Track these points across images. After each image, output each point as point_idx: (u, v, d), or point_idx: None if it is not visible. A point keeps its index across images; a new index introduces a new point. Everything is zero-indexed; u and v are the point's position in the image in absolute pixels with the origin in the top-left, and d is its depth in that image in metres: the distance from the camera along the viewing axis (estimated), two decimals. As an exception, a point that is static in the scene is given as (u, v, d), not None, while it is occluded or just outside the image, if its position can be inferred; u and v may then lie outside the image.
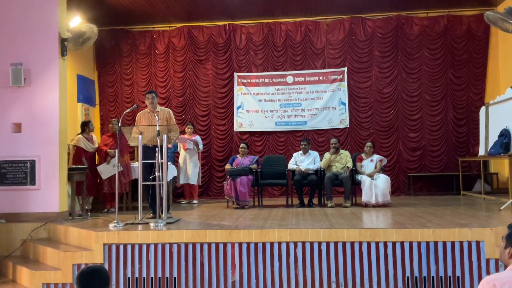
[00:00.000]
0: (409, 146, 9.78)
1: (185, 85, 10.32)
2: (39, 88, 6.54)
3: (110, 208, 7.56)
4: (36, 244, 5.92)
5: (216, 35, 10.26)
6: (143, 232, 5.11)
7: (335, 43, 10.00)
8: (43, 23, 6.60)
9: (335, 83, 9.86)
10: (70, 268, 5.09)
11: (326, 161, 7.73)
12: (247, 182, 7.58)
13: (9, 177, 6.46)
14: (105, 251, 5.05)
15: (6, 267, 5.98)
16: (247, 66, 10.20)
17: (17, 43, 6.62)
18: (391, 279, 4.83)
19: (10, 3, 6.66)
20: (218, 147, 10.19)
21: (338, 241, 4.89)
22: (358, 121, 9.87)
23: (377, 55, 9.92)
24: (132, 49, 10.44)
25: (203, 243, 5.03)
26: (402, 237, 4.84)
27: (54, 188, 6.42)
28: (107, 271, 2.51)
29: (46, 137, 6.46)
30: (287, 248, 4.95)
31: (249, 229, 5.06)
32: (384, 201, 7.22)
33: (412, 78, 9.84)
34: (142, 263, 5.03)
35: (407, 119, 9.81)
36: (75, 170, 6.76)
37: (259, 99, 10.08)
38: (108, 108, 10.44)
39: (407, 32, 9.90)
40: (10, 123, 6.56)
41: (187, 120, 10.02)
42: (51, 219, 6.30)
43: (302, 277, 4.91)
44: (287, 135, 10.05)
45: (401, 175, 9.73)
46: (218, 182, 10.09)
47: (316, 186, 7.69)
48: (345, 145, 9.61)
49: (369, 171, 7.52)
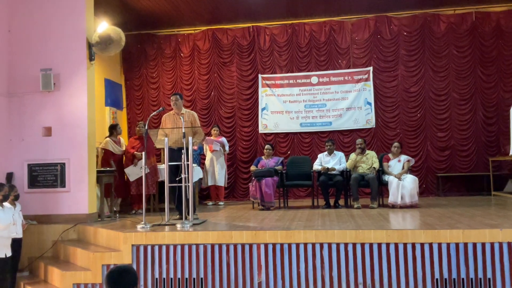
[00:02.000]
0: (437, 146, 9.59)
1: (210, 87, 10.40)
2: (68, 93, 6.71)
3: (137, 209, 7.68)
4: (66, 245, 6.07)
5: (240, 37, 10.30)
6: (170, 233, 5.17)
7: (360, 42, 9.90)
8: (72, 29, 6.77)
9: (360, 83, 9.76)
10: (100, 269, 5.19)
11: (352, 161, 7.66)
12: (272, 184, 7.58)
13: (40, 179, 6.64)
14: (133, 252, 5.13)
15: (38, 267, 6.15)
16: (271, 68, 10.20)
17: (47, 48, 6.81)
18: (419, 281, 4.75)
19: (39, 10, 6.86)
20: (243, 149, 10.22)
21: (365, 243, 4.83)
22: (384, 121, 9.73)
23: (403, 54, 9.77)
24: (158, 53, 10.59)
25: (229, 244, 5.06)
26: (430, 238, 4.75)
27: (83, 190, 6.56)
28: (135, 271, 2.56)
29: (76, 141, 6.62)
30: (313, 249, 4.93)
31: (275, 230, 5.06)
32: (412, 202, 7.10)
33: (440, 77, 9.65)
34: (169, 264, 5.09)
35: (435, 118, 9.61)
36: (103, 172, 6.90)
37: (283, 100, 10.06)
38: (135, 111, 10.61)
39: (434, 30, 9.71)
40: (41, 127, 6.74)
41: (212, 122, 10.09)
42: (80, 221, 6.45)
43: (328, 279, 4.87)
44: (312, 136, 9.99)
45: (429, 175, 9.55)
46: (243, 184, 10.11)
47: (342, 187, 7.62)
48: (371, 145, 9.49)
49: (396, 172, 7.40)
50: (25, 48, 6.85)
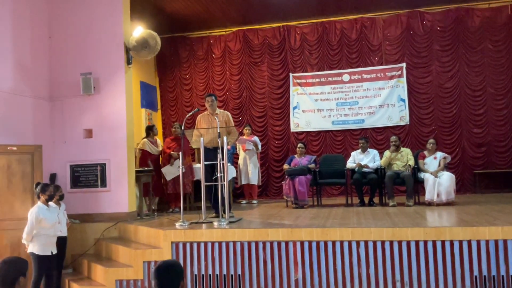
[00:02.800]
0: (474, 142, 9.40)
1: (242, 87, 10.51)
2: (107, 96, 6.95)
3: (174, 208, 7.87)
4: (108, 242, 6.30)
5: (271, 37, 10.37)
6: (207, 231, 5.30)
7: (392, 38, 9.81)
8: (109, 34, 7.01)
9: (393, 79, 9.67)
10: (141, 265, 5.37)
11: (386, 159, 7.61)
12: (306, 182, 7.61)
13: (82, 180, 6.90)
14: (173, 249, 5.29)
15: (81, 264, 6.40)
16: (302, 66, 10.23)
17: (86, 53, 7.07)
18: (458, 278, 4.72)
19: (78, 16, 7.12)
20: (275, 148, 10.29)
21: (402, 240, 4.82)
22: (418, 117, 9.61)
23: (437, 49, 9.61)
24: (190, 55, 10.78)
25: (265, 242, 5.14)
26: (469, 235, 4.71)
27: (123, 190, 6.79)
28: (181, 265, 2.67)
29: (115, 142, 6.85)
30: (349, 247, 4.96)
31: (310, 228, 5.11)
32: (448, 199, 7.00)
33: (475, 72, 9.45)
34: (207, 261, 5.22)
35: (471, 114, 9.43)
36: (142, 172, 7.11)
37: (315, 99, 10.08)
38: (169, 112, 10.85)
39: (468, 25, 9.52)
40: (82, 129, 7.01)
41: (244, 121, 10.20)
42: (121, 219, 6.67)
43: (365, 276, 4.89)
44: (344, 134, 9.97)
45: (466, 172, 9.37)
46: (276, 182, 10.19)
47: (376, 185, 7.59)
48: (405, 142, 9.38)
49: (432, 169, 7.31)
50: (65, 53, 7.13)
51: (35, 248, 5.22)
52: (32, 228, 5.17)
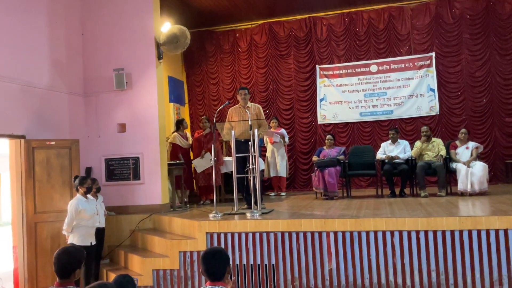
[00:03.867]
0: (506, 132, 9.21)
1: (268, 80, 10.54)
2: (139, 91, 7.10)
3: (205, 200, 8.00)
4: (143, 233, 6.46)
5: (297, 29, 10.35)
6: (241, 222, 5.39)
7: (420, 28, 9.66)
8: (141, 30, 7.14)
9: (422, 69, 9.55)
10: (177, 255, 5.50)
11: (417, 149, 7.54)
12: (335, 173, 7.62)
13: (116, 173, 7.08)
14: (208, 239, 5.40)
15: (118, 255, 6.58)
16: (329, 58, 10.19)
17: (118, 49, 7.22)
18: (494, 267, 4.69)
19: (109, 14, 7.29)
20: (302, 140, 10.30)
21: (437, 230, 4.81)
22: (449, 107, 9.47)
23: (467, 38, 9.44)
24: (217, 49, 10.86)
25: (298, 232, 5.19)
26: (505, 224, 4.67)
27: (156, 182, 6.94)
28: (226, 252, 2.75)
29: (148, 136, 7.00)
30: (383, 237, 4.97)
31: (343, 218, 5.13)
32: (481, 189, 6.91)
33: (507, 60, 9.23)
34: (241, 251, 5.31)
35: (503, 103, 9.24)
36: (174, 165, 7.24)
37: (342, 90, 10.03)
38: (196, 106, 10.97)
39: (498, 12, 9.30)
40: (115, 124, 7.19)
41: (271, 114, 10.23)
42: (155, 211, 6.82)
43: (400, 266, 4.90)
44: (373, 125, 9.90)
45: (498, 162, 9.19)
46: (303, 175, 10.21)
47: (407, 175, 7.53)
48: (435, 132, 9.25)
49: (464, 159, 7.22)
50: (98, 49, 7.31)
51: (75, 239, 5.40)
52: (72, 220, 5.35)
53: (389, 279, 4.92)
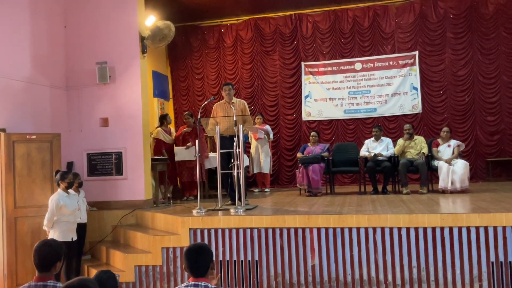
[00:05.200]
0: (487, 130, 9.36)
1: (253, 76, 10.52)
2: (123, 85, 7.01)
3: (188, 196, 7.96)
4: (126, 229, 6.40)
5: (283, 25, 10.34)
6: (225, 218, 5.37)
7: (405, 26, 9.74)
8: (125, 24, 7.05)
9: (406, 67, 9.64)
10: (160, 251, 5.47)
11: (400, 147, 7.62)
12: (319, 170, 7.64)
13: (99, 168, 7.00)
14: (191, 235, 5.37)
15: (99, 251, 6.51)
16: (314, 55, 10.21)
17: (101, 42, 7.12)
18: (474, 264, 4.76)
19: (93, 6, 7.17)
20: (286, 136, 10.32)
21: (419, 227, 4.86)
22: (431, 106, 9.58)
23: (450, 37, 9.55)
24: (202, 44, 10.79)
25: (282, 228, 5.20)
26: (486, 221, 4.74)
27: (139, 178, 6.88)
28: (210, 248, 2.74)
29: (131, 130, 6.93)
30: (366, 233, 5.01)
31: (327, 214, 5.16)
32: (462, 187, 7.01)
33: (489, 59, 9.38)
34: (225, 247, 5.30)
35: (484, 102, 9.38)
36: (157, 160, 7.18)
37: (327, 88, 10.07)
38: (181, 101, 10.90)
39: (482, 12, 9.43)
40: (98, 118, 7.09)
41: (256, 110, 10.21)
42: (138, 207, 6.77)
43: (382, 262, 4.95)
44: (356, 122, 9.96)
45: (478, 160, 9.35)
46: (287, 171, 10.24)
47: (389, 173, 7.60)
48: (418, 130, 9.35)
49: (446, 157, 7.32)
50: (81, 42, 7.19)
51: (55, 235, 5.30)
52: (53, 215, 5.26)
53: (371, 275, 4.96)
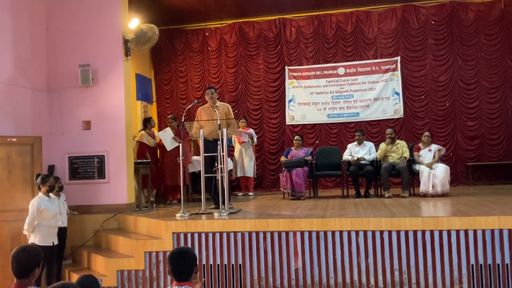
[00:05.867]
0: (467, 135, 9.55)
1: (237, 80, 10.54)
2: (106, 88, 6.94)
3: (172, 200, 7.92)
4: (108, 233, 6.33)
5: (267, 30, 10.40)
6: (208, 222, 5.35)
7: (387, 32, 9.89)
8: (108, 26, 6.98)
9: (388, 73, 9.77)
10: (142, 256, 5.41)
11: (382, 151, 7.71)
12: (303, 174, 7.69)
13: (80, 171, 6.91)
14: (174, 239, 5.34)
15: (81, 255, 6.42)
16: (297, 59, 10.28)
17: (84, 45, 7.04)
18: (455, 267, 4.83)
19: (76, 8, 7.10)
20: (270, 140, 10.35)
21: (401, 230, 4.92)
22: (413, 110, 9.73)
23: (431, 43, 9.72)
24: (186, 47, 10.77)
25: (265, 232, 5.21)
26: (466, 225, 4.82)
27: (122, 181, 6.81)
28: (194, 252, 2.73)
29: (114, 134, 6.86)
30: (348, 236, 5.04)
31: (310, 218, 5.18)
32: (443, 191, 7.13)
33: (469, 65, 9.58)
34: (208, 251, 5.28)
35: (464, 107, 9.57)
36: (140, 164, 7.13)
37: (310, 92, 10.14)
38: (164, 105, 10.85)
39: (462, 19, 9.63)
40: (80, 121, 7.01)
41: (240, 114, 10.23)
42: (120, 211, 6.69)
43: (364, 265, 4.99)
44: (340, 126, 10.05)
45: (459, 164, 9.52)
46: (271, 175, 10.27)
47: (372, 176, 7.69)
48: (399, 135, 9.49)
49: (427, 161, 7.43)
50: (63, 45, 7.10)
51: (36, 239, 5.24)
52: (33, 219, 5.19)
53: (354, 278, 5.00)
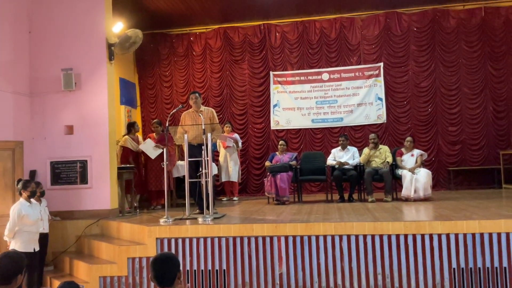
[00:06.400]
0: (449, 140, 9.69)
1: (222, 85, 10.54)
2: (89, 92, 6.89)
3: (156, 205, 7.86)
4: (90, 239, 6.26)
5: (251, 35, 10.43)
6: (192, 227, 5.34)
7: (370, 38, 10.01)
8: (92, 30, 6.94)
9: (371, 78, 9.88)
10: (125, 262, 5.37)
11: (365, 156, 7.78)
12: (287, 178, 7.70)
13: (63, 176, 6.83)
14: (158, 245, 5.30)
15: (62, 261, 6.34)
16: (282, 65, 10.33)
17: (67, 49, 6.98)
18: (437, 270, 4.89)
19: (59, 12, 7.04)
20: (255, 145, 10.36)
21: (383, 234, 4.97)
22: (395, 116, 9.85)
23: (413, 50, 9.87)
24: (171, 52, 10.75)
25: (250, 237, 5.21)
26: (447, 229, 4.89)
27: (105, 187, 6.74)
28: (177, 258, 2.71)
29: (97, 138, 6.80)
30: (332, 241, 5.08)
31: (294, 223, 5.20)
32: (425, 195, 7.22)
33: (450, 72, 9.74)
34: (192, 256, 5.26)
35: (446, 112, 9.72)
36: (124, 169, 7.07)
37: (295, 97, 10.20)
38: (149, 109, 10.79)
39: (443, 26, 9.81)
40: (63, 126, 6.93)
41: (225, 119, 10.22)
42: (103, 216, 6.63)
43: (348, 270, 5.02)
44: (324, 131, 10.12)
45: (441, 169, 9.66)
46: (256, 180, 10.27)
47: (355, 181, 7.75)
48: (382, 140, 9.58)
49: (409, 166, 7.52)
50: (46, 48, 7.03)
51: (17, 245, 5.16)
52: (14, 225, 5.11)
53: (337, 283, 5.03)
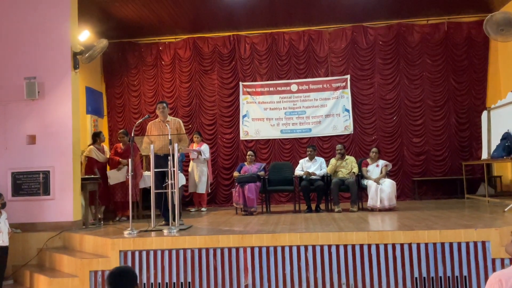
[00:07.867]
0: (413, 151, 9.93)
1: (191, 95, 10.51)
2: (52, 101, 6.73)
3: (121, 216, 7.72)
4: (52, 252, 6.08)
5: (221, 45, 10.46)
6: (157, 239, 5.26)
7: (337, 51, 10.20)
8: (56, 38, 6.80)
9: (338, 90, 10.05)
10: (87, 275, 5.23)
11: (332, 166, 7.88)
12: (255, 189, 7.72)
13: (24, 187, 6.63)
14: (121, 258, 5.20)
15: (22, 275, 6.12)
16: (252, 75, 10.39)
17: (31, 57, 6.81)
18: (400, 280, 4.96)
19: (23, 19, 6.86)
20: (224, 155, 10.35)
21: (348, 244, 5.02)
22: (362, 127, 10.03)
23: (379, 63, 10.10)
24: (139, 61, 10.66)
25: (216, 248, 5.17)
26: (409, 238, 4.98)
27: (68, 198, 6.58)
28: (134, 271, 2.67)
29: (60, 149, 6.63)
30: (298, 251, 5.09)
31: (260, 233, 5.20)
32: (390, 205, 7.36)
33: (414, 85, 10.01)
34: (157, 269, 5.17)
35: (411, 124, 9.97)
36: (88, 180, 6.93)
37: (264, 108, 10.26)
38: (116, 119, 10.64)
39: (408, 40, 10.09)
40: (25, 135, 6.73)
41: (194, 129, 10.19)
42: (65, 228, 6.45)
43: (313, 280, 5.04)
44: (293, 142, 10.21)
45: (405, 179, 9.87)
46: (225, 190, 10.24)
47: (323, 191, 7.83)
48: (349, 151, 9.75)
49: (375, 176, 7.66)
50: (9, 56, 6.84)
51: (-27, 259, 4.97)
52: (-30, 238, 4.93)
53: (303, 293, 5.04)
